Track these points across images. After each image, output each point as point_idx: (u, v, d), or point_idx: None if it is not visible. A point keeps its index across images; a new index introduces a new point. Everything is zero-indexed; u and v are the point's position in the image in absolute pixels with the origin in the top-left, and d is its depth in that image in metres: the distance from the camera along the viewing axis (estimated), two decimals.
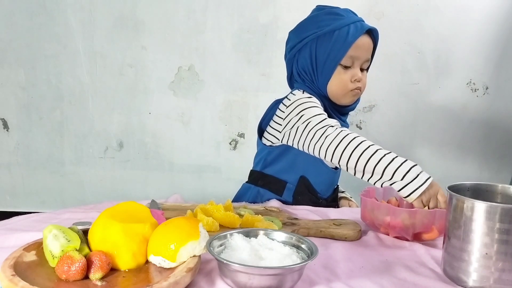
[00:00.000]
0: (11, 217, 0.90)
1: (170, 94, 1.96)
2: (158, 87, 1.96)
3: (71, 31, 1.92)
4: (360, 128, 1.96)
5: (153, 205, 0.91)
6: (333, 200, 1.18)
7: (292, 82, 1.15)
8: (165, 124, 1.99)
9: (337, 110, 1.11)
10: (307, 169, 1.10)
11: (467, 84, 1.92)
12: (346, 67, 1.04)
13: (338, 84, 1.05)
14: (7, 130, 2.02)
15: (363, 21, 1.06)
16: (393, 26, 1.87)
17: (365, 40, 1.04)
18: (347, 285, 0.62)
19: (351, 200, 1.23)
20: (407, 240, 0.81)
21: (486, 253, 0.60)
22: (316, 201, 1.11)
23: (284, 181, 1.13)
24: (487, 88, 1.92)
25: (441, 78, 1.91)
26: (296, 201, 1.11)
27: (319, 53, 1.04)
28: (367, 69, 1.11)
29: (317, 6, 1.11)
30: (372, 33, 1.06)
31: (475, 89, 1.92)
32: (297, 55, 1.08)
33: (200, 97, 1.96)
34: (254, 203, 1.11)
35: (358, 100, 1.12)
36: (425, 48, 1.89)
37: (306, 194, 1.11)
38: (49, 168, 2.04)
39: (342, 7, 1.09)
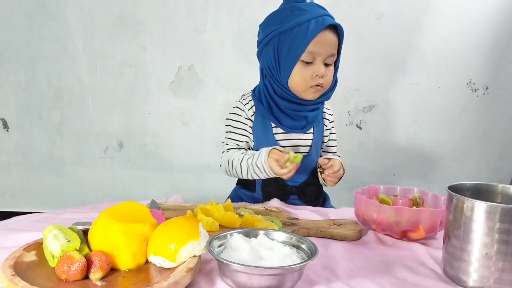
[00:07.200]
0: (11, 217, 0.90)
1: (170, 94, 1.96)
2: (158, 87, 1.96)
3: (71, 31, 1.92)
4: (360, 128, 1.96)
5: (153, 205, 0.91)
6: (308, 185, 1.14)
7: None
8: (165, 124, 1.99)
9: (302, 104, 1.10)
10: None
11: (467, 84, 1.92)
12: (307, 63, 1.04)
13: (298, 80, 1.05)
14: (7, 130, 2.02)
15: (329, 16, 1.04)
16: (393, 26, 1.87)
17: (327, 35, 1.03)
18: (347, 285, 0.62)
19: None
20: (396, 238, 0.82)
21: (486, 253, 0.60)
22: (284, 189, 1.12)
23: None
24: (487, 88, 1.92)
25: (441, 78, 1.91)
26: (264, 194, 1.12)
27: (280, 49, 1.04)
28: (335, 65, 1.09)
29: None
30: (337, 29, 1.05)
31: (475, 89, 1.92)
32: (263, 50, 1.09)
33: (200, 97, 1.96)
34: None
35: (326, 95, 1.11)
36: (425, 48, 1.89)
37: (273, 184, 1.11)
38: (49, 168, 2.04)
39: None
